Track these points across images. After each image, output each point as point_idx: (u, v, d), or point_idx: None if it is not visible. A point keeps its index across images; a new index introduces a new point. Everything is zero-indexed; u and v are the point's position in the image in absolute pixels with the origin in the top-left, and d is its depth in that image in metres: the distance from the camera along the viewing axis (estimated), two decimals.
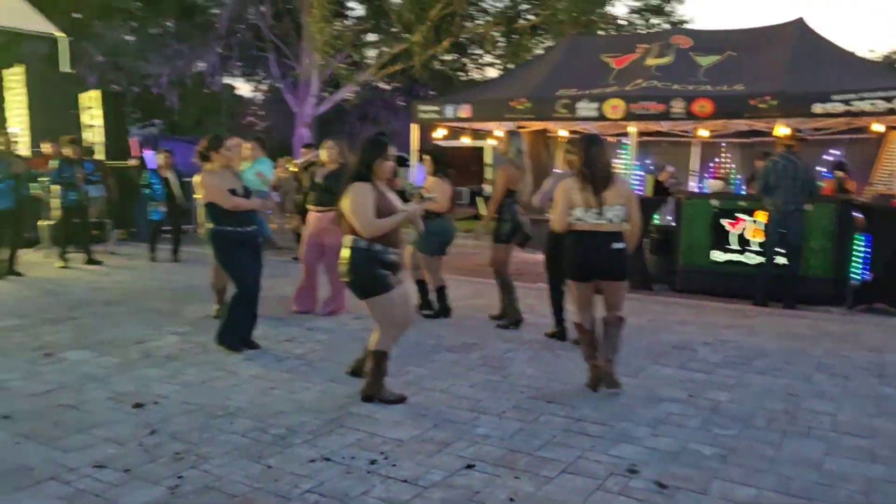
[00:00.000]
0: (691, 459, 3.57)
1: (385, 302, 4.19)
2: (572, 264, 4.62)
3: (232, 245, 5.25)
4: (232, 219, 5.20)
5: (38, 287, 8.08)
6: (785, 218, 7.60)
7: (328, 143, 6.76)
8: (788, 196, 7.53)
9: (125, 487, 3.12)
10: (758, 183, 7.75)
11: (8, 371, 4.79)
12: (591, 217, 4.46)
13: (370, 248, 4.12)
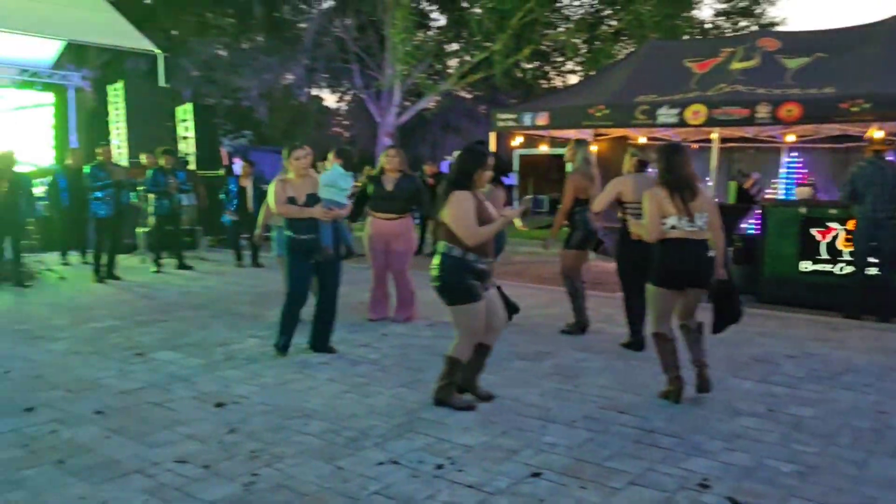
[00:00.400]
0: (767, 475, 3.45)
1: (469, 311, 4.23)
2: (668, 272, 4.56)
3: (291, 251, 5.45)
4: (292, 225, 5.38)
5: (134, 291, 8.54)
6: (875, 226, 7.21)
7: (390, 152, 6.77)
8: (878, 203, 7.14)
9: (203, 483, 3.27)
10: (844, 190, 7.40)
11: (103, 369, 5.10)
12: (686, 225, 4.46)
13: (464, 257, 4.17)
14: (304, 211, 5.31)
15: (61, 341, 5.92)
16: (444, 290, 4.25)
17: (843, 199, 7.46)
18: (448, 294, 4.24)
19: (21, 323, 6.62)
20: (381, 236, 6.73)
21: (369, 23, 21.45)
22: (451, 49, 23.40)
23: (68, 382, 4.77)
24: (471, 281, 4.18)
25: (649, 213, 4.52)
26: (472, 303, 4.20)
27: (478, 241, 4.16)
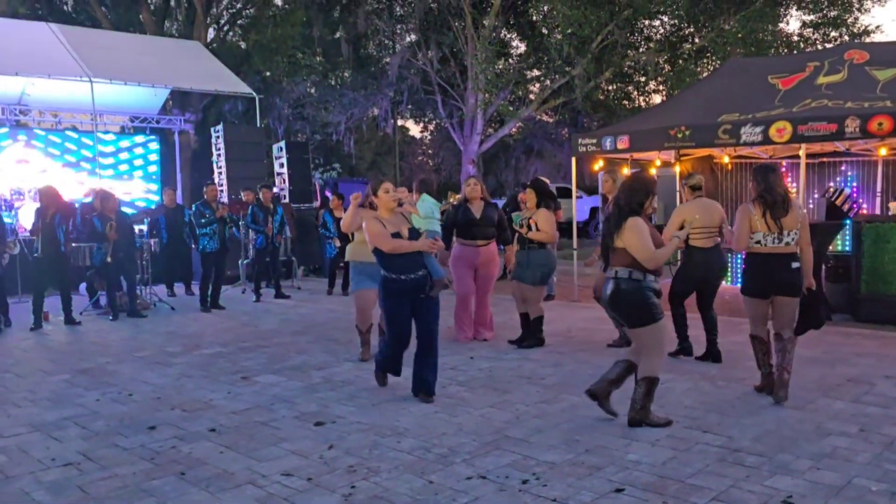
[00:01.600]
0: (855, 494, 3.45)
1: (658, 329, 4.47)
2: (752, 283, 5.10)
3: (389, 292, 5.08)
4: (391, 264, 5.02)
5: (237, 319, 9.11)
6: None
7: (470, 182, 7.17)
8: None
9: (307, 494, 3.56)
10: None
11: (213, 391, 5.54)
12: (770, 241, 4.93)
13: (645, 279, 4.43)
14: (413, 245, 5.03)
15: (176, 366, 6.44)
16: (631, 313, 4.47)
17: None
18: (635, 316, 4.47)
19: (139, 350, 7.21)
20: (468, 261, 7.12)
21: (451, 54, 22.00)
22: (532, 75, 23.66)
23: (184, 403, 5.22)
24: (654, 300, 4.44)
25: (740, 226, 5.01)
26: (659, 321, 4.44)
27: (658, 265, 4.44)
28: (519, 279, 6.95)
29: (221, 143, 13.91)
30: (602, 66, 19.78)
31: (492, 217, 7.06)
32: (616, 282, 4.46)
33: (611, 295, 4.51)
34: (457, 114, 22.76)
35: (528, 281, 6.88)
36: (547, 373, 5.96)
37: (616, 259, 4.50)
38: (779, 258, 4.93)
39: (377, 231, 4.99)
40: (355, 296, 6.46)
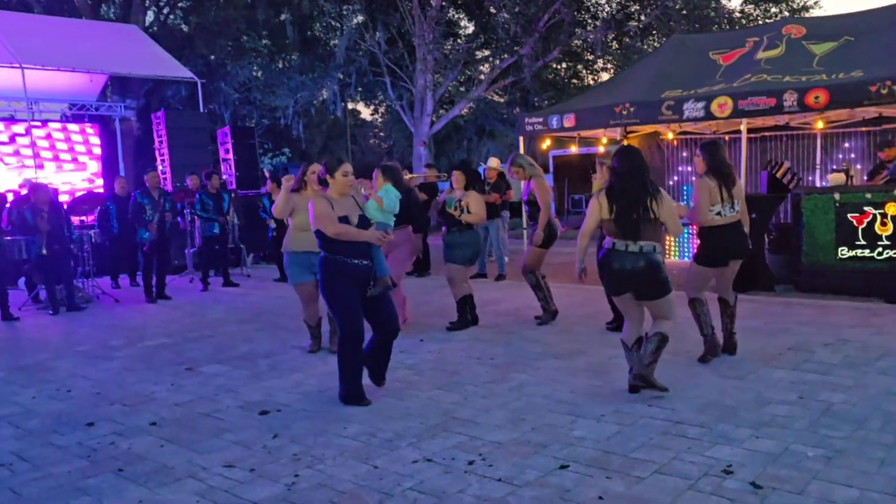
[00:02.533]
0: (792, 461, 3.52)
1: (673, 296, 4.63)
2: (716, 254, 5.36)
3: (339, 279, 4.64)
4: (343, 248, 4.63)
5: (183, 309, 8.91)
6: None
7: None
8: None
9: (249, 485, 3.49)
10: (893, 171, 7.32)
11: (155, 384, 5.40)
12: (728, 211, 5.24)
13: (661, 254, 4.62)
14: (362, 234, 4.66)
15: (117, 360, 6.27)
16: (660, 286, 4.52)
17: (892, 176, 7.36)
18: (664, 288, 4.55)
19: (80, 345, 7.00)
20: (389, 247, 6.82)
21: (399, 35, 21.77)
22: (481, 55, 23.57)
23: (125, 398, 5.08)
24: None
25: (702, 201, 5.21)
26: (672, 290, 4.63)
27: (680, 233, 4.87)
28: (448, 259, 6.93)
29: (163, 130, 13.53)
30: (550, 45, 19.81)
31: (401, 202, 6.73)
32: (649, 256, 4.47)
33: (645, 269, 4.47)
34: (406, 95, 22.58)
35: (459, 261, 6.86)
36: (496, 352, 5.96)
37: (649, 233, 4.48)
38: (733, 227, 5.29)
39: (324, 212, 4.59)
40: (296, 290, 6.10)
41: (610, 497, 3.19)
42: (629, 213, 4.46)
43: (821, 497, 3.12)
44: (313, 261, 5.62)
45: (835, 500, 3.09)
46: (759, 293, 8.27)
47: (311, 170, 5.77)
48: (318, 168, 5.59)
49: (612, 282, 4.67)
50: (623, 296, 4.64)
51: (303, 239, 5.78)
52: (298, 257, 5.93)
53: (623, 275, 4.51)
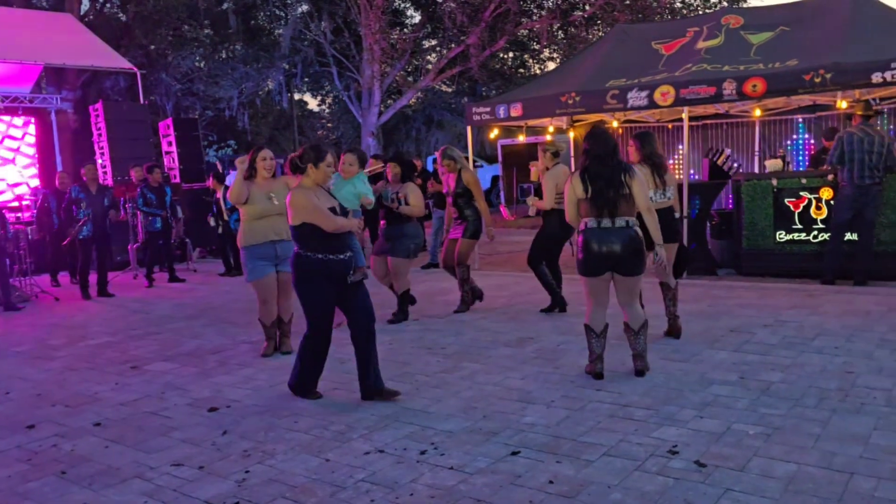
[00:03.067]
0: (734, 439, 3.63)
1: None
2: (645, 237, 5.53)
3: (319, 276, 4.41)
4: (322, 244, 4.38)
5: (127, 306, 8.70)
6: (861, 193, 7.38)
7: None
8: (865, 170, 7.31)
9: (198, 483, 3.44)
10: (831, 156, 7.57)
11: (99, 384, 5.26)
12: (659, 197, 5.48)
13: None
14: (350, 223, 4.52)
15: (59, 360, 6.08)
16: (640, 261, 4.64)
17: (831, 163, 7.61)
18: (643, 264, 4.69)
19: (18, 345, 6.77)
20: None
21: (345, 24, 21.56)
22: (429, 45, 23.53)
23: (67, 398, 4.94)
24: None
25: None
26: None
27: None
28: (390, 253, 6.73)
29: (102, 122, 13.13)
30: (496, 35, 19.88)
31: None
32: (630, 230, 4.59)
33: (630, 244, 4.56)
34: (354, 86, 22.40)
35: (402, 254, 6.72)
36: (448, 342, 5.99)
37: (627, 209, 4.59)
38: (665, 212, 5.45)
39: (315, 206, 4.31)
40: (256, 287, 5.70)
41: (560, 481, 3.25)
42: (606, 192, 4.55)
43: (761, 473, 3.23)
44: (277, 251, 5.65)
45: (774, 475, 3.20)
46: (702, 277, 8.50)
47: (262, 156, 5.65)
48: (269, 154, 5.65)
49: (591, 262, 4.62)
50: (600, 276, 4.64)
51: (260, 228, 5.61)
52: (259, 250, 5.61)
53: (603, 253, 4.56)
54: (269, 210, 5.63)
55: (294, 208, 4.36)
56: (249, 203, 5.61)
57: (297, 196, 4.36)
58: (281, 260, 5.68)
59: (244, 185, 5.64)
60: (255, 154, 5.71)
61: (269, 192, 5.66)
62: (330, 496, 3.21)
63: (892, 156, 7.43)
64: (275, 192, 5.67)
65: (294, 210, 4.36)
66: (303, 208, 4.33)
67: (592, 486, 3.18)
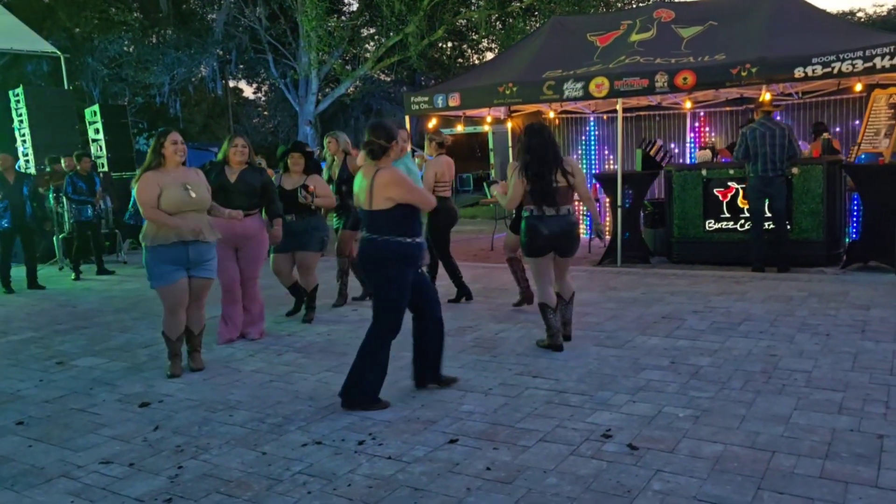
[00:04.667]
0: (665, 422, 3.74)
1: None
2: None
3: (411, 262, 4.15)
4: (416, 226, 4.18)
5: (53, 300, 8.37)
6: (766, 184, 7.69)
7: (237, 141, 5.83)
8: (768, 162, 7.62)
9: (129, 480, 3.34)
10: (737, 150, 7.88)
11: (22, 381, 5.05)
12: None
13: None
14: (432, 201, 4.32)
15: None
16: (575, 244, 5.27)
17: (737, 158, 7.93)
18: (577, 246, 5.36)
19: None
20: (226, 239, 5.46)
21: (280, 10, 21.14)
22: (367, 33, 23.30)
23: None
24: None
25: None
26: None
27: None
28: (303, 248, 6.33)
29: (23, 108, 12.55)
30: (435, 24, 19.83)
31: (252, 183, 5.71)
32: (569, 217, 5.13)
33: (568, 229, 5.12)
34: (290, 73, 22.01)
35: (316, 247, 6.39)
36: None
37: (566, 198, 5.09)
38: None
39: (415, 185, 4.17)
40: (161, 293, 4.90)
41: (497, 467, 3.28)
42: (545, 185, 5.00)
43: (689, 454, 3.33)
44: (190, 255, 4.85)
45: (702, 455, 3.31)
46: (636, 265, 8.71)
47: (172, 139, 4.81)
48: (179, 137, 4.86)
49: (537, 243, 5.10)
50: (545, 256, 5.15)
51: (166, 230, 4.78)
52: (168, 252, 4.79)
53: (549, 237, 5.06)
54: (185, 204, 4.78)
55: (397, 187, 4.02)
56: (161, 196, 4.72)
57: (397, 175, 4.06)
58: (194, 265, 4.89)
59: (152, 177, 4.77)
60: (162, 138, 4.81)
61: (184, 183, 4.82)
62: (266, 490, 3.17)
63: (794, 146, 7.75)
64: (190, 183, 4.84)
65: (395, 190, 4.02)
66: (406, 187, 4.04)
67: (529, 471, 3.23)
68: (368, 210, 4.09)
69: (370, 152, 4.08)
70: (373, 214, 4.07)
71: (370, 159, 4.10)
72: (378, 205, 4.04)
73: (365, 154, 4.12)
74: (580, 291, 6.94)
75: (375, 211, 4.05)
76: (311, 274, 6.52)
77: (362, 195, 4.13)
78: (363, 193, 4.11)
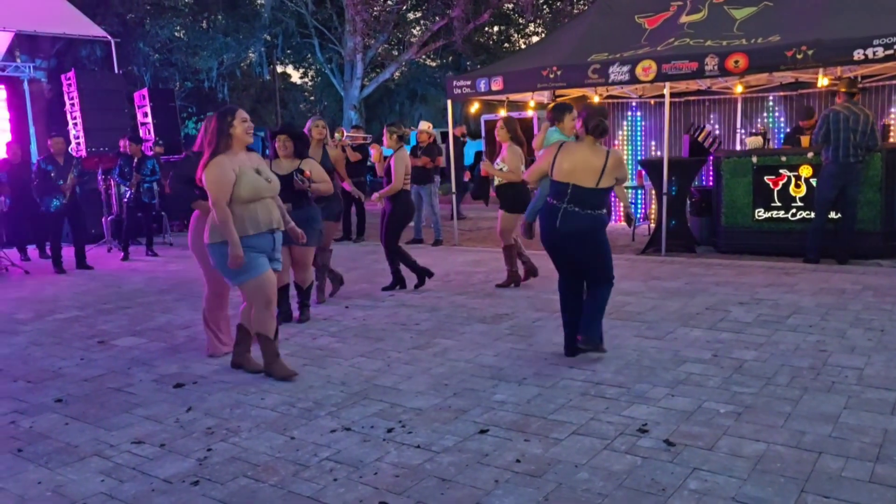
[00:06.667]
0: (704, 418, 3.60)
1: None
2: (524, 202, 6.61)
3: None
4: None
5: (100, 280, 8.54)
6: (846, 171, 7.34)
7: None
8: (850, 148, 7.27)
9: (159, 461, 3.36)
10: (816, 134, 7.52)
11: (64, 359, 5.15)
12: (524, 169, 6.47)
13: None
14: None
15: (23, 334, 5.95)
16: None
17: (816, 142, 7.56)
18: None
19: None
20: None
21: None
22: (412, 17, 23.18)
23: (29, 374, 4.82)
24: None
25: (517, 162, 6.61)
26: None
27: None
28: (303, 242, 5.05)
29: (75, 92, 12.82)
30: (481, 8, 19.60)
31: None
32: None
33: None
34: (336, 58, 22.06)
35: (315, 242, 5.82)
36: (422, 318, 5.92)
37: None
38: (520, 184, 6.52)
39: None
40: (254, 286, 4.38)
41: (527, 459, 3.20)
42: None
43: (729, 452, 3.19)
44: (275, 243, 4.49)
45: (742, 454, 3.17)
46: (681, 254, 8.47)
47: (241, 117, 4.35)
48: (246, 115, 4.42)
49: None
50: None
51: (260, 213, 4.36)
52: (258, 241, 4.35)
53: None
54: (264, 190, 4.38)
55: (624, 168, 4.57)
56: (238, 182, 4.27)
57: (622, 157, 4.60)
58: (274, 255, 4.52)
59: (227, 162, 4.27)
60: (230, 116, 4.32)
61: (256, 167, 4.42)
62: (292, 475, 3.14)
63: (875, 135, 7.40)
64: (261, 167, 4.47)
65: (622, 170, 4.54)
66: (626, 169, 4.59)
67: (560, 464, 3.14)
68: (592, 188, 4.42)
69: (601, 132, 4.44)
70: (596, 192, 4.44)
71: (596, 138, 4.46)
72: (605, 183, 4.44)
73: (589, 133, 4.45)
74: (621, 280, 6.80)
75: (600, 189, 4.44)
76: (308, 270, 5.95)
77: (587, 174, 4.42)
78: (589, 173, 4.41)
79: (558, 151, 4.56)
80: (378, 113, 29.25)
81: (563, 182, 4.47)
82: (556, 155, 4.54)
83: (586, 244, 4.50)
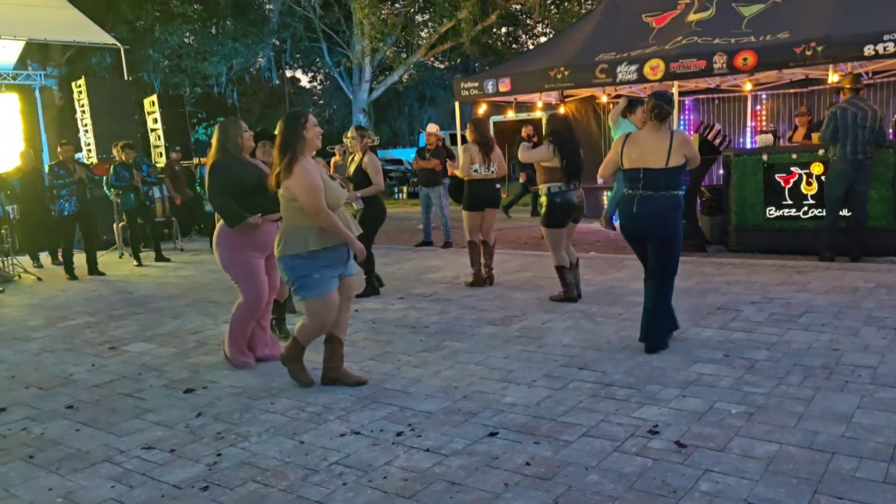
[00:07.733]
0: (716, 419, 3.57)
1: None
2: (473, 201, 7.05)
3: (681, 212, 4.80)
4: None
5: (110, 286, 8.59)
6: (855, 168, 7.27)
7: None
8: (858, 145, 7.20)
9: (168, 466, 3.36)
10: (824, 131, 7.45)
11: (75, 365, 5.17)
12: (484, 170, 6.99)
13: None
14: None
15: (35, 341, 5.99)
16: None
17: (824, 139, 7.49)
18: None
19: None
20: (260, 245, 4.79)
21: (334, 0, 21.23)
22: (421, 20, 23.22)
23: (41, 380, 4.85)
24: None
25: (465, 161, 6.96)
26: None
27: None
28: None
29: (85, 99, 12.91)
30: (488, 9, 19.60)
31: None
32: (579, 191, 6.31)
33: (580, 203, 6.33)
34: (344, 62, 22.12)
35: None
36: (431, 321, 5.91)
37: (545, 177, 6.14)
38: (489, 182, 7.05)
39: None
40: (323, 304, 4.16)
41: (537, 462, 3.18)
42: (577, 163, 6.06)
43: (741, 453, 3.16)
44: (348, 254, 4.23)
45: (754, 455, 3.14)
46: (691, 254, 8.42)
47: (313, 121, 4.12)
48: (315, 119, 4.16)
49: (563, 214, 6.09)
50: (565, 227, 6.13)
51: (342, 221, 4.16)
52: (333, 255, 4.12)
53: (571, 207, 6.10)
54: (342, 198, 4.18)
55: (690, 146, 4.65)
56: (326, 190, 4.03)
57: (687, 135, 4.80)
58: (347, 264, 4.28)
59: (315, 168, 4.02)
60: (303, 118, 4.04)
61: (328, 173, 4.23)
62: (301, 479, 3.14)
63: (883, 131, 7.33)
64: (325, 173, 4.19)
65: (689, 148, 4.63)
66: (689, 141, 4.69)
67: (570, 467, 3.12)
68: (663, 168, 4.54)
69: (660, 114, 4.58)
70: (667, 172, 4.55)
71: (658, 121, 4.61)
72: (675, 161, 4.54)
73: (650, 116, 4.61)
74: (631, 280, 6.78)
75: (670, 168, 4.55)
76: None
77: (655, 156, 4.56)
78: (656, 154, 4.55)
79: (625, 142, 4.71)
80: (387, 116, 29.31)
81: (635, 168, 4.62)
82: (624, 145, 4.70)
83: (666, 226, 4.61)
